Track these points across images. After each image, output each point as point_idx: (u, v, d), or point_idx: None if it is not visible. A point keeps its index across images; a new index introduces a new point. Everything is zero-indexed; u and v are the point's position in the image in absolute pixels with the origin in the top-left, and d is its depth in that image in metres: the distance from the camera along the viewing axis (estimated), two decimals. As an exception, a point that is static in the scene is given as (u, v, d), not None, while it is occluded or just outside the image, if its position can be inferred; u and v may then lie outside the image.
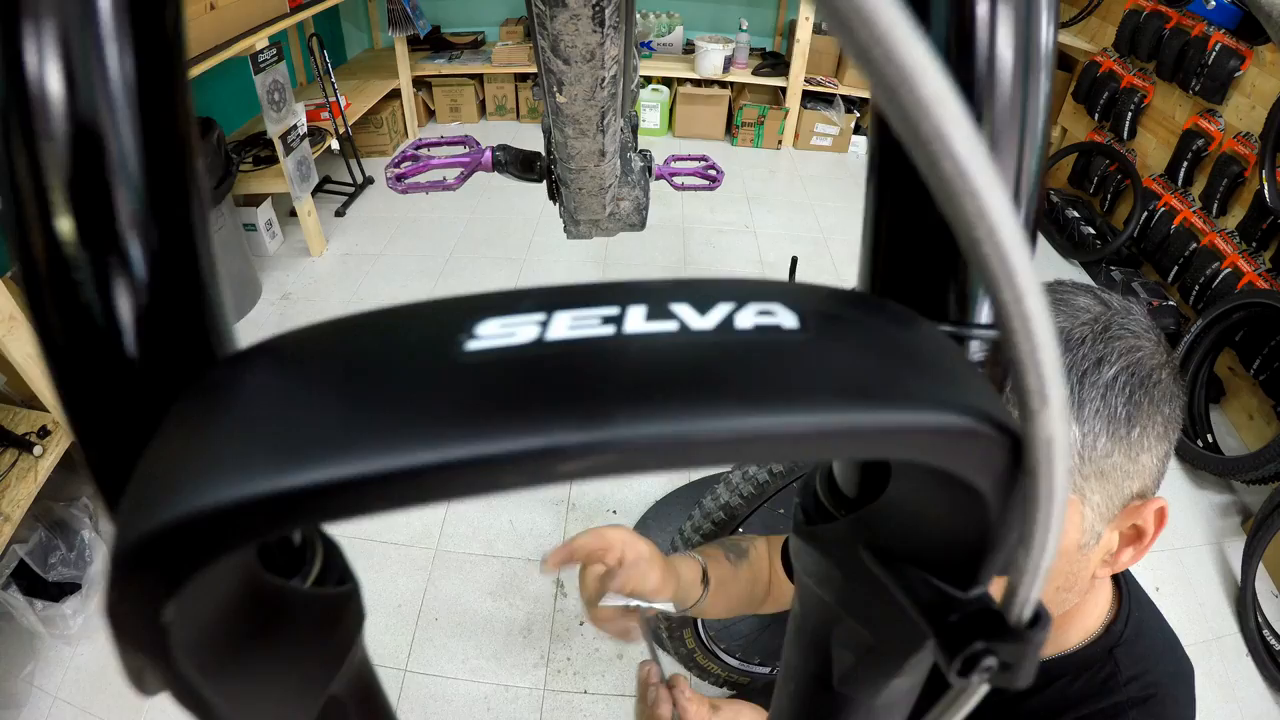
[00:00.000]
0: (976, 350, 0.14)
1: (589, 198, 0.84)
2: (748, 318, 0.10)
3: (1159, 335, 0.44)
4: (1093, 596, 0.53)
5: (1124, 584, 0.55)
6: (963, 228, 0.08)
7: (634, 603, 0.57)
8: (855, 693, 0.17)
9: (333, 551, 0.16)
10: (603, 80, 0.56)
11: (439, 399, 0.09)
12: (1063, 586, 0.46)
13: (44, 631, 1.57)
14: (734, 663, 1.29)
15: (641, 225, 0.95)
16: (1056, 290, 0.45)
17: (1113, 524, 0.44)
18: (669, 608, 0.58)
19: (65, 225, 0.11)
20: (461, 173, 0.98)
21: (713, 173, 1.09)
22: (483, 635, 1.52)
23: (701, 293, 0.10)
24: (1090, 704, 0.50)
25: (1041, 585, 0.12)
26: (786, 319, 0.10)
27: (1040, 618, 0.12)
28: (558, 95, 0.57)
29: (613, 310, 0.10)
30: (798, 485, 0.17)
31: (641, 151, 0.94)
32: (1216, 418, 2.18)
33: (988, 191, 0.08)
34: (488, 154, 0.98)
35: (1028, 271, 0.09)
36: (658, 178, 1.03)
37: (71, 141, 0.11)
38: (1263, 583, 1.74)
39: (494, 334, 0.09)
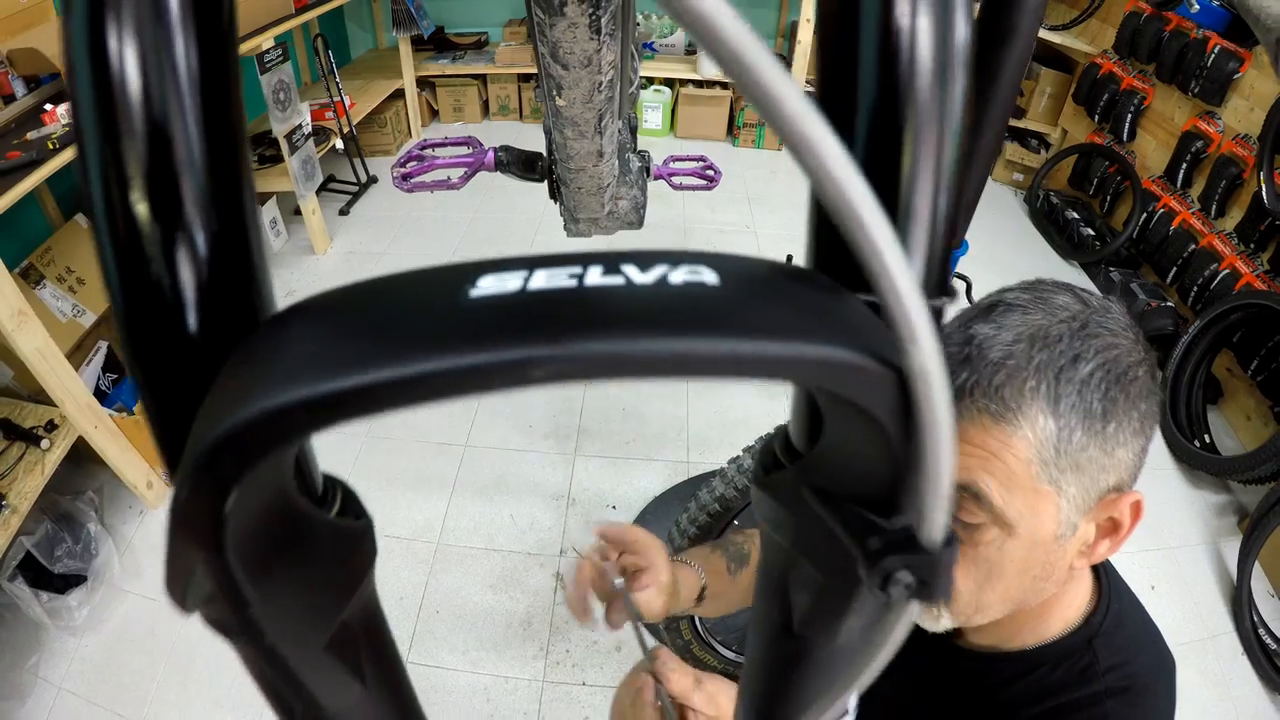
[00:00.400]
0: None
1: (588, 196, 0.86)
2: (679, 275, 0.13)
3: (1138, 334, 0.45)
4: (1073, 587, 0.54)
5: (1104, 576, 0.56)
6: (830, 208, 0.10)
7: (628, 598, 0.58)
8: (813, 635, 0.19)
9: (350, 494, 0.18)
10: (600, 84, 0.59)
11: (451, 326, 0.12)
12: (1040, 576, 0.47)
13: (49, 623, 1.57)
14: (730, 655, 1.31)
15: (639, 224, 0.97)
16: (1037, 289, 0.46)
17: (1089, 516, 0.45)
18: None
19: (142, 210, 0.13)
20: (465, 172, 1.00)
21: (710, 173, 1.11)
22: (483, 627, 1.53)
23: (646, 258, 0.13)
24: (1069, 692, 0.52)
25: (945, 508, 0.13)
26: (710, 277, 0.13)
27: (951, 540, 0.14)
28: (557, 98, 0.59)
29: (577, 269, 0.13)
30: (759, 447, 0.18)
31: (640, 152, 0.96)
32: (1214, 418, 2.18)
33: (847, 182, 0.11)
34: (490, 154, 1.00)
35: (885, 234, 0.11)
36: (656, 178, 1.05)
37: (148, 138, 0.13)
38: (1259, 583, 1.74)
39: (490, 285, 0.12)
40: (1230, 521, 1.90)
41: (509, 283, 0.12)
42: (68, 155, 1.63)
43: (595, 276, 0.13)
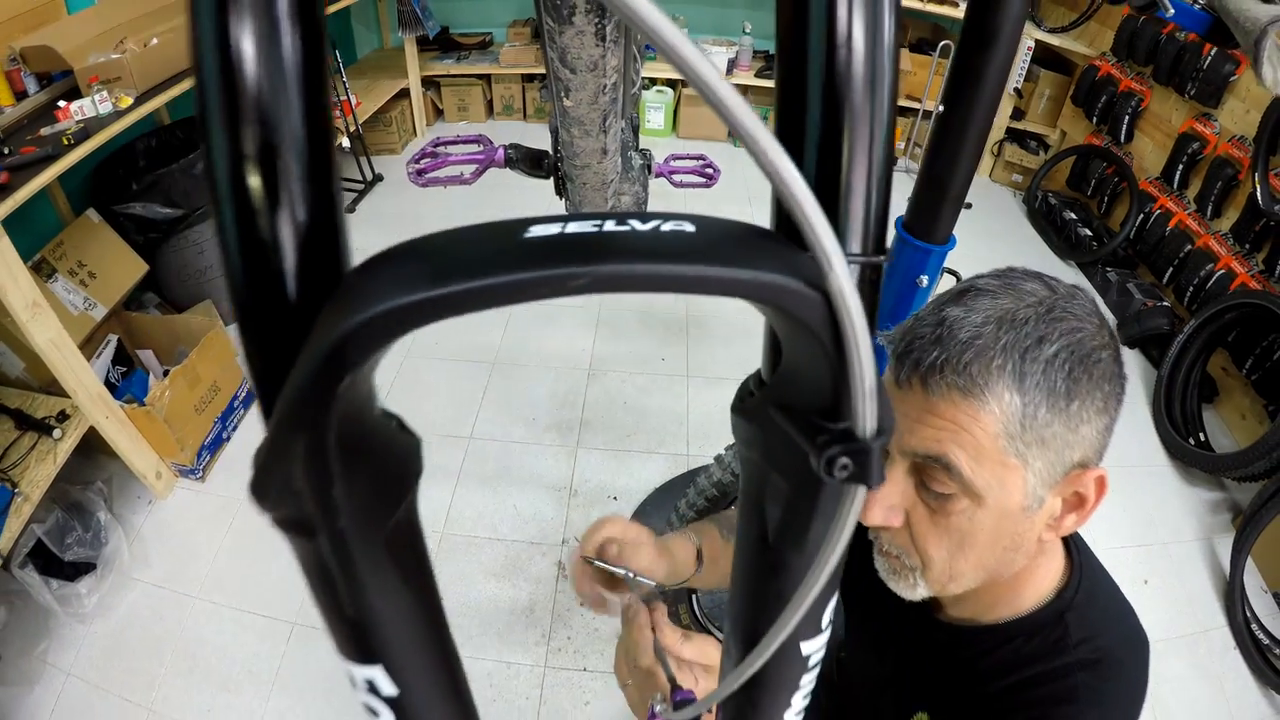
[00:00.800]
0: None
1: (592, 192, 0.90)
2: (668, 227, 0.17)
3: (1103, 320, 0.47)
4: (1045, 562, 0.56)
5: (1076, 552, 0.58)
6: (768, 177, 0.15)
7: (622, 571, 0.60)
8: (785, 545, 0.22)
9: (404, 422, 0.22)
10: (604, 87, 0.62)
11: (516, 254, 0.16)
12: (1009, 546, 0.50)
13: (59, 610, 1.60)
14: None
15: None
16: (1007, 276, 0.48)
17: (1055, 490, 0.48)
18: (651, 584, 0.60)
19: (255, 182, 0.17)
20: (476, 168, 1.04)
21: (710, 170, 1.14)
22: (487, 615, 1.56)
23: (647, 216, 0.18)
24: (1041, 663, 0.54)
25: (872, 409, 0.17)
26: (689, 228, 0.17)
27: (881, 431, 0.18)
28: (565, 99, 0.62)
29: (598, 222, 0.17)
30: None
31: (642, 150, 1.00)
32: (1211, 417, 2.21)
33: (777, 157, 0.15)
34: (500, 151, 1.03)
35: (804, 191, 0.15)
36: (657, 175, 1.08)
37: (260, 124, 0.16)
38: (1253, 578, 1.77)
39: (539, 230, 0.17)
40: (1224, 519, 1.92)
41: (551, 229, 0.17)
42: (82, 151, 1.66)
43: (610, 227, 0.17)
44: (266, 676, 1.47)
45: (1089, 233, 2.81)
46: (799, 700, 0.31)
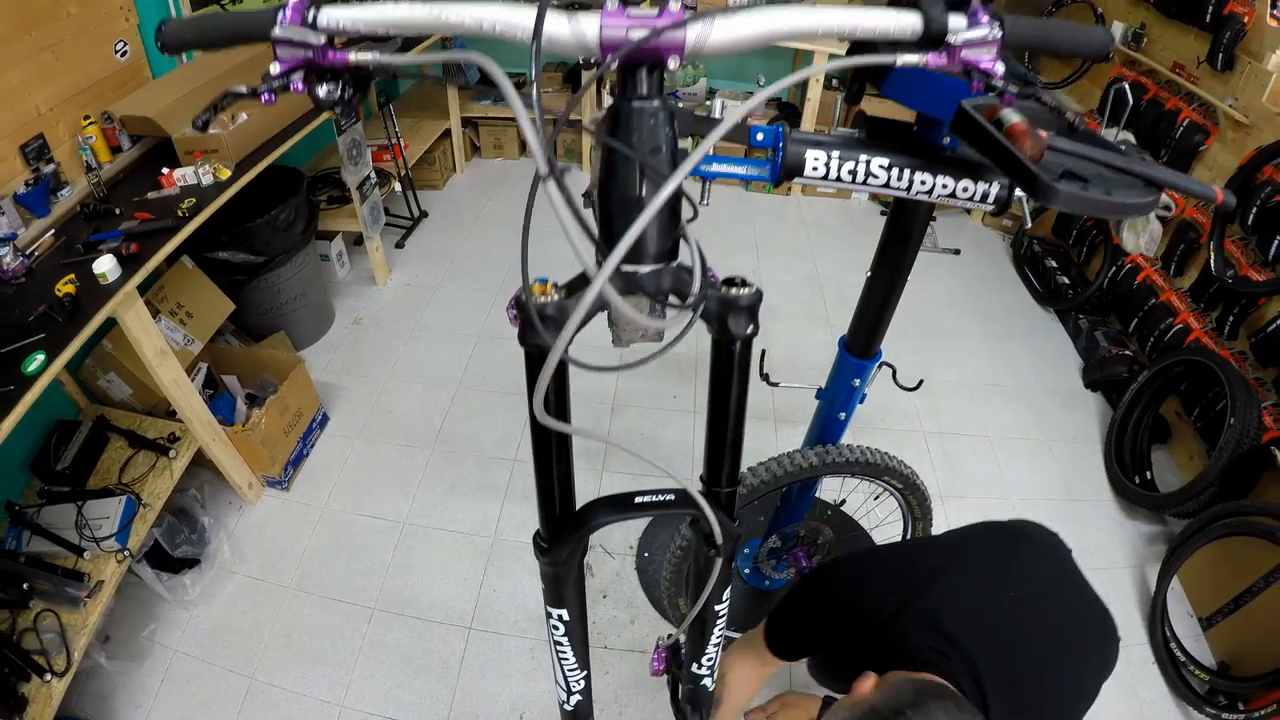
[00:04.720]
0: None
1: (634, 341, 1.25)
2: (668, 497, 0.55)
3: (974, 713, 0.66)
4: None
5: None
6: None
7: None
8: (704, 576, 0.60)
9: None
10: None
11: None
12: None
13: (168, 597, 1.89)
14: None
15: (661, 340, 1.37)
16: (934, 697, 0.67)
17: None
18: None
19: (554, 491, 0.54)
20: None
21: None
22: (530, 603, 1.88)
23: (663, 491, 0.55)
24: None
25: (720, 539, 0.54)
26: (670, 496, 0.56)
27: (726, 541, 0.55)
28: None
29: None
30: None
31: None
32: (1163, 457, 2.43)
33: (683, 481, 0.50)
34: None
35: (693, 487, 0.50)
36: None
37: (554, 469, 0.54)
38: (1180, 604, 1.99)
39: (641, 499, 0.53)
40: (1159, 549, 2.14)
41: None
42: (197, 222, 1.89)
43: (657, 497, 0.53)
44: (352, 651, 1.76)
45: (1066, 281, 3.02)
46: (718, 632, 0.70)
